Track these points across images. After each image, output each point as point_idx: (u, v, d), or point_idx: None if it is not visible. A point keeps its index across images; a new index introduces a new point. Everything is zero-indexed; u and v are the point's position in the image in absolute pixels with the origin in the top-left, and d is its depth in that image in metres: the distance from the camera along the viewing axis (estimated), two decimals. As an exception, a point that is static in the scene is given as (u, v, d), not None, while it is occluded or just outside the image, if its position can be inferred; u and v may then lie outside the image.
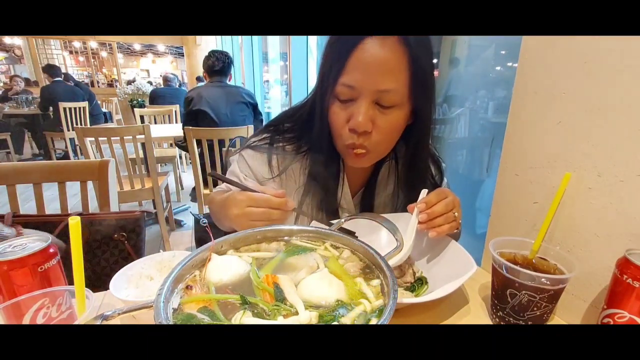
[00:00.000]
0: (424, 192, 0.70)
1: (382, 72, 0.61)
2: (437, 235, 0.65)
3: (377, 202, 0.86)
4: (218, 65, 2.57)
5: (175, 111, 4.41)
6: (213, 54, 2.59)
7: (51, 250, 0.54)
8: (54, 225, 0.85)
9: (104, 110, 6.11)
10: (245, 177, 0.81)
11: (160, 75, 5.79)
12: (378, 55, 0.60)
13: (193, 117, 2.49)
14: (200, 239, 1.18)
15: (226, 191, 0.81)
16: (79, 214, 0.94)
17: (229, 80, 2.70)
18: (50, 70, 5.17)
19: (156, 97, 5.09)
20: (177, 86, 5.71)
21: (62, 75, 5.29)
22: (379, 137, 0.67)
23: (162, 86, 5.66)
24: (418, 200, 0.68)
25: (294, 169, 0.81)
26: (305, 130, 0.78)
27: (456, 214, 0.67)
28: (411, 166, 0.78)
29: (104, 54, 10.94)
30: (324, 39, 0.72)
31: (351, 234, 0.58)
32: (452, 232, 0.68)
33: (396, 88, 0.62)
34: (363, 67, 0.61)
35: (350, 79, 0.62)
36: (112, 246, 0.92)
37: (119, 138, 2.30)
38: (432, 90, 0.68)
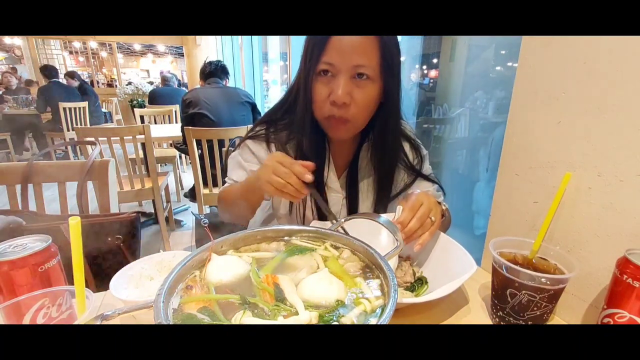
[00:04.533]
0: (399, 209, 0.72)
1: (357, 51, 0.70)
2: (421, 247, 0.68)
3: (362, 184, 0.90)
4: (210, 67, 2.62)
5: (175, 111, 4.40)
6: (205, 63, 2.70)
7: (52, 250, 0.54)
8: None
9: (104, 110, 6.08)
10: (249, 163, 0.87)
11: (160, 75, 5.66)
12: (353, 36, 0.69)
13: (191, 119, 2.49)
14: (200, 239, 1.18)
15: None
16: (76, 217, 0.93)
17: (226, 84, 2.72)
18: (47, 71, 5.13)
19: (155, 97, 5.03)
20: (176, 86, 5.63)
21: (59, 76, 5.23)
22: (356, 109, 0.74)
23: (161, 86, 5.56)
24: (395, 220, 0.69)
25: (289, 153, 0.86)
26: (294, 115, 0.84)
27: (433, 218, 0.70)
28: (382, 143, 0.84)
29: (104, 54, 10.92)
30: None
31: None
32: (433, 234, 0.70)
33: (369, 64, 0.71)
34: (341, 47, 0.70)
35: (330, 57, 0.71)
36: (105, 250, 0.91)
37: (119, 138, 2.30)
38: (397, 69, 0.77)
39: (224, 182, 0.92)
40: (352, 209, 0.90)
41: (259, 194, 0.78)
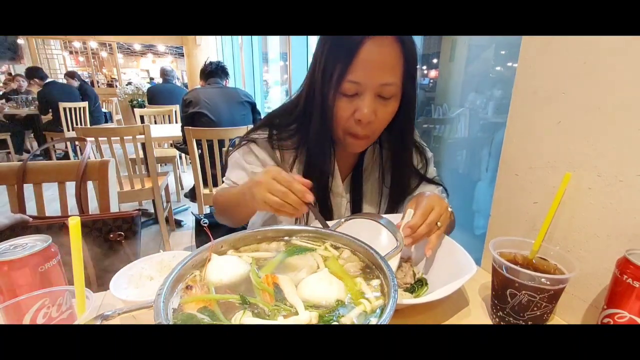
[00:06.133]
0: (409, 212, 0.71)
1: (384, 69, 0.69)
2: (432, 252, 0.68)
3: (365, 187, 0.90)
4: (211, 68, 2.64)
5: (175, 111, 4.39)
6: (205, 63, 2.71)
7: (52, 250, 0.54)
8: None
9: (104, 110, 6.07)
10: (251, 165, 0.86)
11: (160, 69, 5.44)
12: (380, 54, 0.68)
13: (191, 119, 2.49)
14: (200, 239, 1.18)
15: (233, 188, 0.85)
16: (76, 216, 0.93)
17: (226, 84, 2.73)
18: (36, 74, 5.05)
19: (155, 95, 4.85)
20: (177, 83, 5.41)
21: (45, 75, 5.16)
22: (378, 125, 0.75)
23: (161, 82, 5.33)
24: (403, 224, 0.69)
25: (294, 160, 0.87)
26: (302, 125, 0.83)
27: (439, 223, 0.70)
28: (396, 150, 0.85)
29: (104, 54, 10.92)
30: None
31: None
32: (440, 237, 0.71)
33: (394, 81, 0.71)
34: (367, 65, 0.68)
35: (356, 76, 0.69)
36: (107, 248, 0.91)
37: (119, 138, 2.30)
38: (416, 80, 0.77)
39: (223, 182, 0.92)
40: (356, 212, 0.89)
41: (251, 209, 0.75)
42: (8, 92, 6.15)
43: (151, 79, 8.03)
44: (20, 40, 8.24)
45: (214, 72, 2.66)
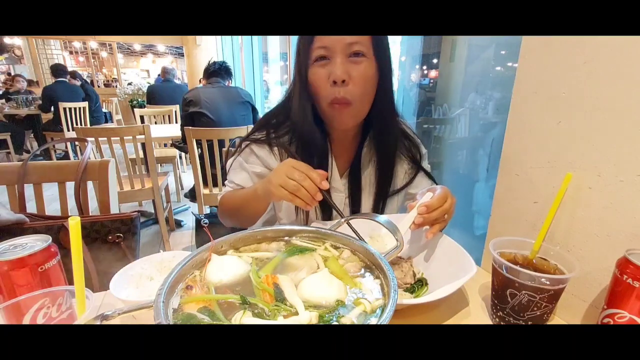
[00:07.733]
0: (428, 194, 0.72)
1: None
2: (431, 236, 0.69)
3: (364, 182, 0.91)
4: (214, 67, 2.65)
5: (175, 111, 4.39)
6: (209, 62, 2.72)
7: (52, 250, 0.54)
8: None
9: (104, 110, 6.07)
10: (251, 165, 0.88)
11: (162, 68, 5.43)
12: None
13: (191, 118, 2.49)
14: (201, 239, 1.18)
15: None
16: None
17: (228, 85, 2.73)
18: (54, 70, 5.12)
19: (154, 94, 4.81)
20: (178, 81, 5.37)
21: (67, 75, 5.21)
22: (355, 88, 0.76)
23: (162, 79, 5.28)
24: (421, 202, 0.70)
25: (292, 156, 0.87)
26: (295, 119, 0.84)
27: (446, 216, 0.71)
28: (382, 136, 0.86)
29: (104, 54, 10.94)
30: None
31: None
32: (442, 229, 0.72)
33: (361, 40, 0.74)
34: None
35: (323, 41, 0.74)
36: (105, 249, 0.92)
37: (119, 138, 2.30)
38: (388, 48, 0.80)
39: (224, 185, 0.93)
40: (355, 208, 0.90)
41: (264, 202, 0.78)
42: (9, 92, 6.16)
43: (158, 75, 8.00)
44: (20, 40, 8.24)
45: (216, 71, 2.65)
